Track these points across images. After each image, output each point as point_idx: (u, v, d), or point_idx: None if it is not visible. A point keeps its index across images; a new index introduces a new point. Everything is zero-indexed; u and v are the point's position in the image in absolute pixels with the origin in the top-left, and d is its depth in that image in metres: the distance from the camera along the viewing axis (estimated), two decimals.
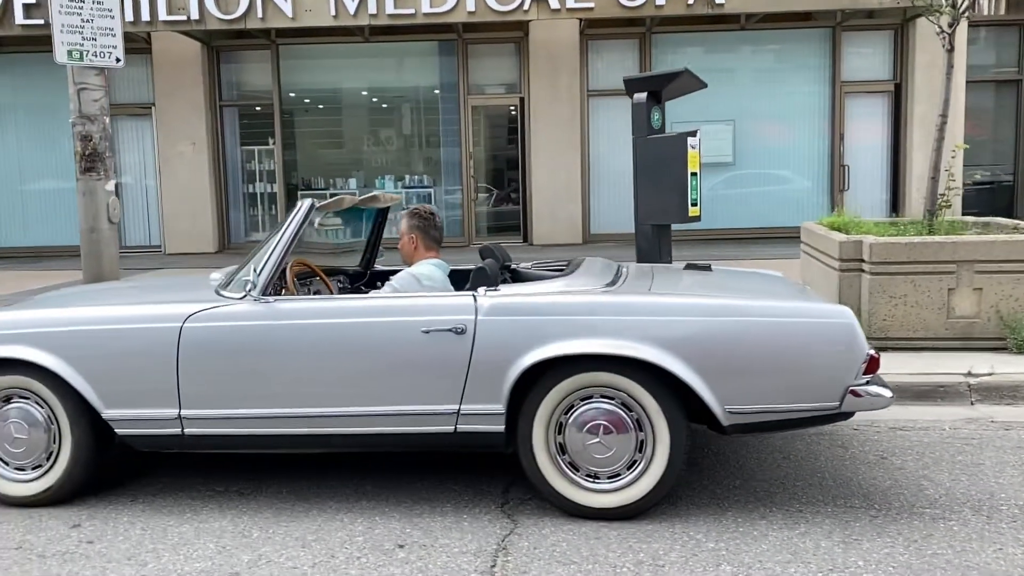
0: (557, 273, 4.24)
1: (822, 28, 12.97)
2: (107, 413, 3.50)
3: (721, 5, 11.54)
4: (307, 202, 3.65)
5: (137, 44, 12.82)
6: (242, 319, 3.45)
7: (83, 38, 6.01)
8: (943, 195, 6.35)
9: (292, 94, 13.39)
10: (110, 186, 6.20)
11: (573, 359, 3.20)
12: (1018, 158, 13.42)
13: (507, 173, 13.45)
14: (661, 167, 6.10)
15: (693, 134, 6.18)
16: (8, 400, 3.62)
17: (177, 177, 13.04)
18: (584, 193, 12.96)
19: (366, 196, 4.21)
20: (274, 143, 13.31)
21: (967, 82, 12.70)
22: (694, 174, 6.15)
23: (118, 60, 6.14)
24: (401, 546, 3.10)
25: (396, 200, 4.60)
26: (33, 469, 3.63)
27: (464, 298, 3.36)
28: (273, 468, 3.97)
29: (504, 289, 3.43)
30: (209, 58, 13.05)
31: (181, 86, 12.89)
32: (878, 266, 5.52)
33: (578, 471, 3.28)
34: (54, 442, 3.60)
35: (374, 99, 13.64)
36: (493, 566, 2.91)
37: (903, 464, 3.81)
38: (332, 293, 4.25)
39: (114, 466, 3.96)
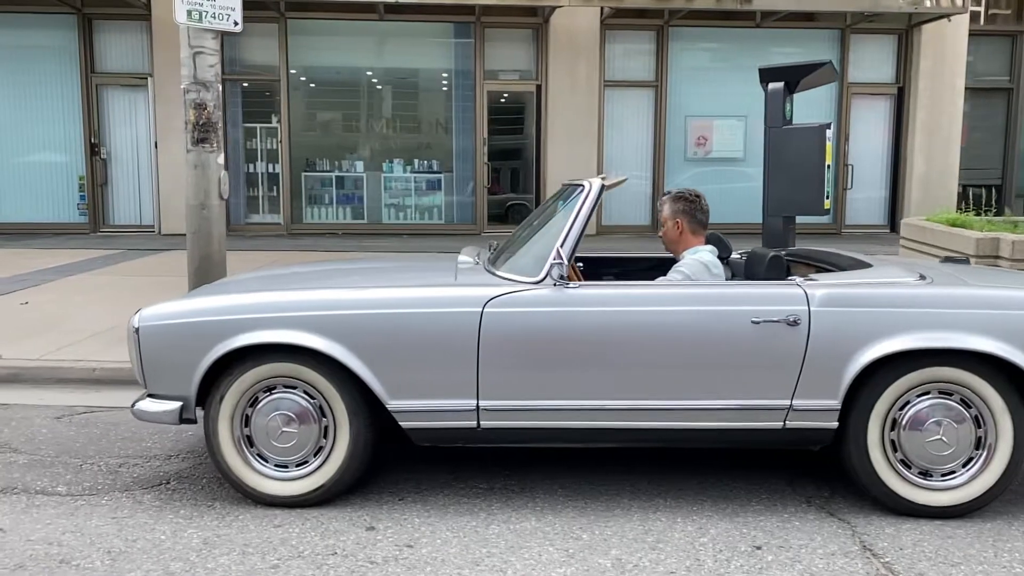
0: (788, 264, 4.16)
1: (832, 29, 13.24)
2: (392, 404, 3.22)
3: (750, 1, 11.66)
4: (597, 183, 3.44)
5: (136, 10, 12.09)
6: (546, 304, 3.22)
7: None
8: None
9: (298, 71, 12.84)
10: (221, 159, 5.75)
11: (914, 353, 3.11)
12: (1006, 163, 14.03)
13: (521, 160, 13.25)
14: (797, 158, 6.06)
15: (828, 126, 6.16)
16: (270, 390, 3.29)
17: (176, 153, 12.28)
18: None
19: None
20: (278, 121, 12.74)
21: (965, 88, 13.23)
22: (828, 166, 6.12)
23: (236, 24, 5.69)
24: (758, 547, 2.95)
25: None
26: (297, 466, 3.31)
27: (792, 287, 3.22)
28: (509, 462, 3.74)
29: (822, 279, 3.31)
30: None
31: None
32: (1019, 263, 5.63)
33: (910, 468, 3.19)
34: (324, 436, 3.30)
35: (385, 80, 13.21)
36: (879, 569, 2.79)
37: None
38: (579, 280, 4.03)
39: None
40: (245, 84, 12.85)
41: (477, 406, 3.22)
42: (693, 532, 3.08)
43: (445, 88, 13.14)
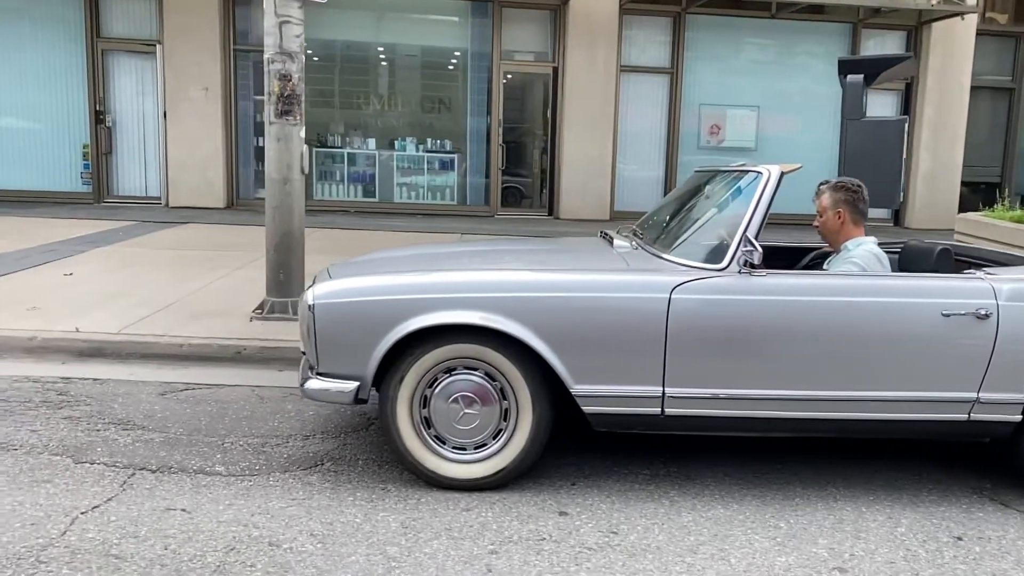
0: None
1: (844, 23, 13.36)
2: (576, 388, 3.17)
3: None
4: (776, 169, 3.41)
5: None
6: (734, 292, 3.20)
7: None
8: None
9: (311, 44, 12.52)
10: (303, 132, 5.60)
11: None
12: (1006, 161, 14.35)
13: (536, 143, 13.17)
14: (875, 151, 6.09)
15: (906, 120, 6.20)
16: (450, 371, 3.23)
17: (186, 124, 12.01)
18: (613, 169, 12.88)
19: None
20: None
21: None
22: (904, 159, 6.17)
23: None
24: (959, 538, 2.99)
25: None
26: (476, 449, 3.26)
27: (978, 281, 3.25)
28: (659, 449, 3.72)
29: (1003, 273, 3.35)
30: None
31: (195, 26, 11.84)
32: None
33: None
34: (504, 419, 3.24)
35: (400, 57, 13.00)
36: None
37: None
38: None
39: None
40: (255, 56, 12.52)
41: (663, 393, 3.19)
42: (885, 522, 3.10)
43: (461, 67, 12.97)
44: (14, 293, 6.10)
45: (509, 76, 12.91)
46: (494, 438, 3.25)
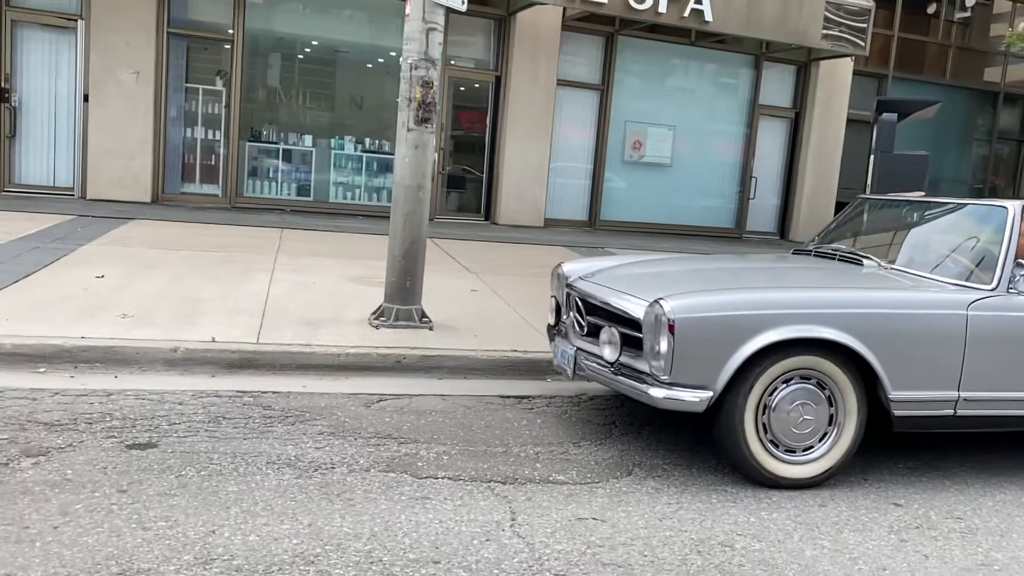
0: None
1: (750, 55, 14.62)
2: (894, 394, 3.58)
3: (708, 22, 12.60)
4: (1018, 205, 3.97)
5: None
6: (1011, 309, 3.74)
7: None
8: None
9: (253, 34, 11.98)
10: (435, 140, 5.53)
11: None
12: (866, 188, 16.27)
13: (476, 149, 13.31)
14: (901, 181, 6.95)
15: (928, 156, 7.12)
16: (786, 381, 3.51)
17: (111, 109, 11.07)
18: (548, 178, 13.32)
19: None
20: (225, 85, 11.84)
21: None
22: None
23: (463, 1, 5.48)
24: None
25: None
26: (804, 452, 3.56)
27: None
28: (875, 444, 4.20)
29: None
30: None
31: (127, 3, 10.97)
32: None
33: None
34: (829, 424, 3.57)
35: (343, 53, 12.68)
36: None
37: None
38: None
39: None
40: (190, 41, 11.78)
41: (957, 396, 3.67)
42: None
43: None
44: (70, 299, 5.51)
45: (460, 85, 12.97)
46: (820, 441, 3.58)
